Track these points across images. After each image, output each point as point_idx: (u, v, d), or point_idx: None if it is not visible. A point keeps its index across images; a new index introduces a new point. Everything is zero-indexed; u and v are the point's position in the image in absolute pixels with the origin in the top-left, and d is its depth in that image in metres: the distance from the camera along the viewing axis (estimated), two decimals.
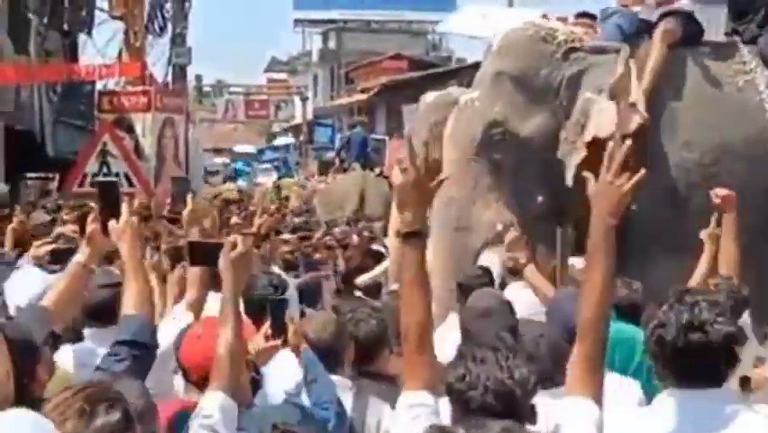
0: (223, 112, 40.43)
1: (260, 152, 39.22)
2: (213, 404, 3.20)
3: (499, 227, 6.76)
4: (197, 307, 4.37)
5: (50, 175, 20.35)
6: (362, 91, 35.55)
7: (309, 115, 39.44)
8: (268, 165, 35.94)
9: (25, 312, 3.95)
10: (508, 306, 4.42)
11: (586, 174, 3.03)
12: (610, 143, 3.38)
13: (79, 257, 3.85)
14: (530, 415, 2.62)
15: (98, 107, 15.65)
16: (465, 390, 2.62)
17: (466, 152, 7.00)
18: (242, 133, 45.20)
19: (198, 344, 3.57)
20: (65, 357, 4.10)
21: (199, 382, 3.49)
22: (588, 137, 6.59)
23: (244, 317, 3.69)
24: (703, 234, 5.48)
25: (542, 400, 2.68)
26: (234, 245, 3.46)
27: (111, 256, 6.20)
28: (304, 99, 38.88)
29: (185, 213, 4.78)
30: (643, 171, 3.02)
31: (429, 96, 7.77)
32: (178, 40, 18.69)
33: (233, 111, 39.79)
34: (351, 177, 18.71)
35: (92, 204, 3.91)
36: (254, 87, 43.83)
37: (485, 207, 6.90)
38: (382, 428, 3.86)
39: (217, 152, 41.28)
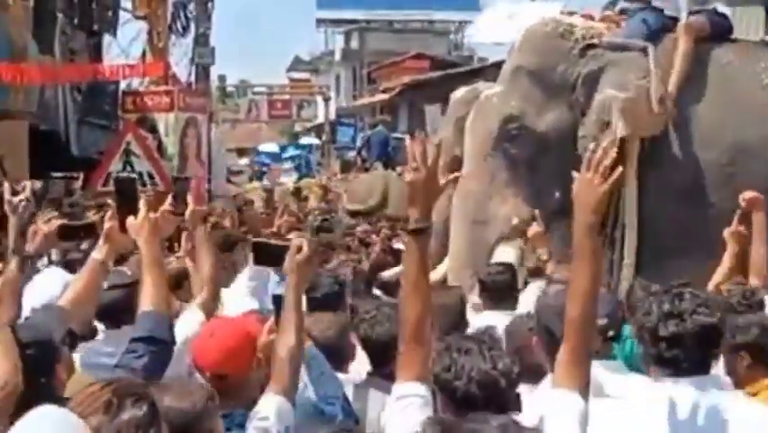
0: (246, 112, 40.54)
1: (283, 148, 39.12)
2: (270, 407, 3.25)
3: (515, 221, 6.83)
4: (210, 306, 4.39)
5: (75, 174, 20.46)
6: (384, 91, 35.59)
7: (332, 115, 39.47)
8: (289, 165, 35.99)
9: (42, 312, 3.93)
10: None
11: (573, 173, 3.09)
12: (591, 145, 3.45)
13: (97, 254, 3.88)
14: (514, 404, 2.72)
15: (122, 107, 15.74)
16: (451, 379, 2.74)
17: (484, 147, 7.06)
18: (266, 133, 45.24)
19: (211, 342, 3.56)
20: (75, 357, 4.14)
21: (211, 380, 3.46)
22: (620, 133, 6.57)
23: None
24: (726, 234, 5.47)
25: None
26: (300, 248, 3.53)
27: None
28: (326, 99, 38.90)
29: (187, 213, 4.77)
30: (619, 170, 3.11)
31: (458, 92, 7.84)
32: (201, 40, 18.73)
33: (255, 111, 39.86)
34: (373, 175, 18.73)
35: (110, 201, 3.93)
36: (277, 87, 43.85)
37: (502, 202, 6.98)
38: (382, 422, 3.88)
39: (241, 151, 41.35)
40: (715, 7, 7.40)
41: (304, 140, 39.08)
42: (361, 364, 4.31)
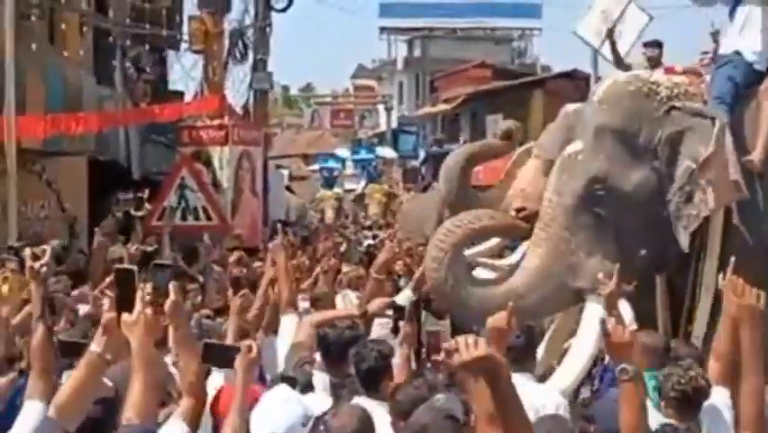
0: (309, 122, 40.93)
1: (355, 151, 38.93)
2: None
3: (600, 276, 6.87)
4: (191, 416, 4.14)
5: (139, 194, 20.79)
6: (446, 101, 35.65)
7: (394, 124, 39.58)
8: (352, 170, 36.15)
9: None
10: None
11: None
12: None
13: (95, 347, 3.62)
14: None
15: (178, 140, 16.02)
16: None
17: (571, 203, 7.10)
18: (329, 139, 45.62)
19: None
20: None
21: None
22: (704, 213, 6.81)
23: None
24: None
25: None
26: (250, 348, 3.84)
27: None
28: (389, 108, 39.03)
29: (167, 304, 3.77)
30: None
31: (570, 106, 7.82)
32: (260, 65, 18.92)
33: (318, 120, 40.28)
34: (430, 196, 18.77)
35: (109, 292, 3.81)
36: (340, 96, 44.14)
37: (587, 256, 6.99)
38: None
39: (305, 157, 41.72)
40: None
41: (379, 150, 38.74)
42: None
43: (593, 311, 6.60)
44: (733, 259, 4.52)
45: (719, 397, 4.50)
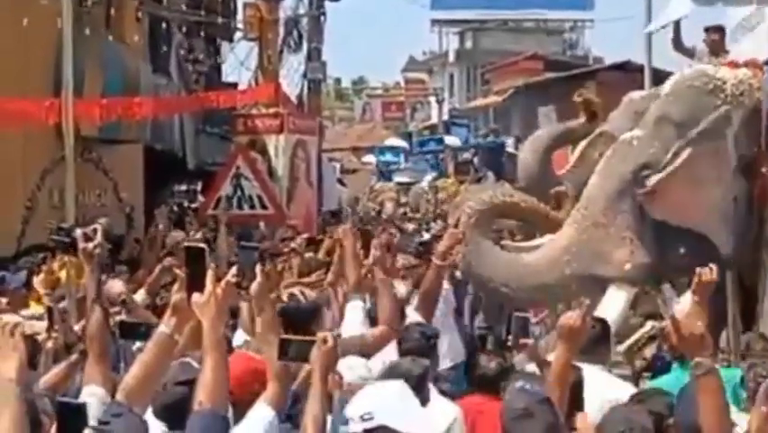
0: (360, 114, 41.00)
1: (422, 143, 38.47)
2: None
3: (627, 267, 6.78)
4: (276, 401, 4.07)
5: (192, 187, 20.82)
6: (497, 93, 35.46)
7: (445, 116, 39.44)
8: (408, 164, 35.94)
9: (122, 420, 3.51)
10: None
11: None
12: None
13: (164, 328, 3.56)
14: None
15: (233, 129, 15.98)
16: None
17: (614, 187, 7.01)
18: (380, 132, 45.57)
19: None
20: None
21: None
22: None
23: None
24: None
25: None
26: (325, 340, 3.74)
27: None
28: (440, 101, 38.91)
29: (253, 288, 4.12)
30: None
31: (635, 93, 7.83)
32: (314, 54, 18.85)
33: (370, 113, 40.34)
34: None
35: (178, 271, 3.64)
36: (392, 87, 44.15)
37: (619, 244, 6.90)
38: None
39: (354, 150, 41.69)
40: None
41: (448, 140, 38.32)
42: None
43: (614, 299, 6.57)
44: None
45: None
